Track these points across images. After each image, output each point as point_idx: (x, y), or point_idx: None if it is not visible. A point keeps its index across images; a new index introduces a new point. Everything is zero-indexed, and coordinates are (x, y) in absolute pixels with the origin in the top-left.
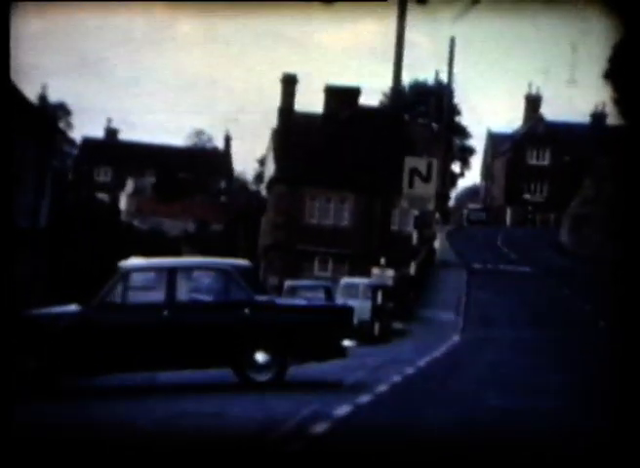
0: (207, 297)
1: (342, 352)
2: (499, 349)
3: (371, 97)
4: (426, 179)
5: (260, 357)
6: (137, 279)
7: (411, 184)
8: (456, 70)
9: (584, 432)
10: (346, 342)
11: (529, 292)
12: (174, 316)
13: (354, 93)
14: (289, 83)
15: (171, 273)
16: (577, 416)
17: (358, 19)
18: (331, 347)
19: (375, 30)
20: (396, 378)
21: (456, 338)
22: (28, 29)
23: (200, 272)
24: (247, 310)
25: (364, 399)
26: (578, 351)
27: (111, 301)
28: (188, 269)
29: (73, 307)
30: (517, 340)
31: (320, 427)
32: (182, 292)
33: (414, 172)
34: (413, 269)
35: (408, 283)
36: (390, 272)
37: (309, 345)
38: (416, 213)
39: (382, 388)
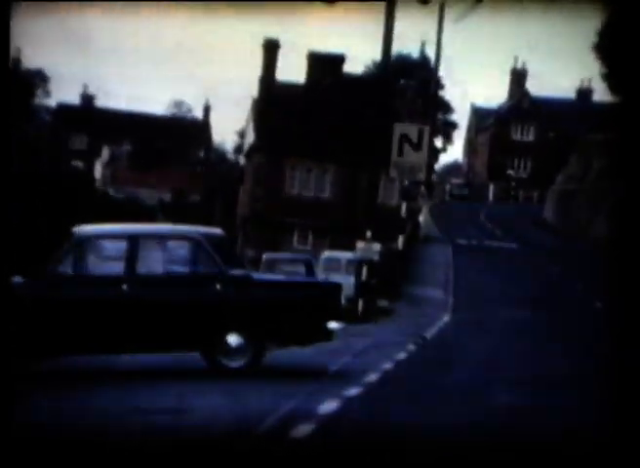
0: (172, 270)
1: (328, 335)
2: (495, 332)
3: (354, 68)
4: (417, 147)
5: (233, 340)
6: (92, 247)
7: (400, 152)
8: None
9: (590, 428)
10: (333, 324)
11: (517, 269)
12: (134, 291)
13: (338, 60)
14: (270, 49)
15: (131, 241)
16: (585, 413)
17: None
18: (315, 329)
19: (364, 10)
20: (387, 365)
21: (446, 318)
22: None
23: (165, 241)
24: (218, 285)
25: (352, 391)
26: (579, 335)
27: (62, 273)
28: (152, 237)
29: (16, 279)
30: (512, 322)
31: (303, 429)
32: (145, 264)
33: (404, 138)
34: (401, 243)
35: (395, 258)
36: (377, 246)
37: (290, 327)
38: (405, 183)
39: (372, 377)
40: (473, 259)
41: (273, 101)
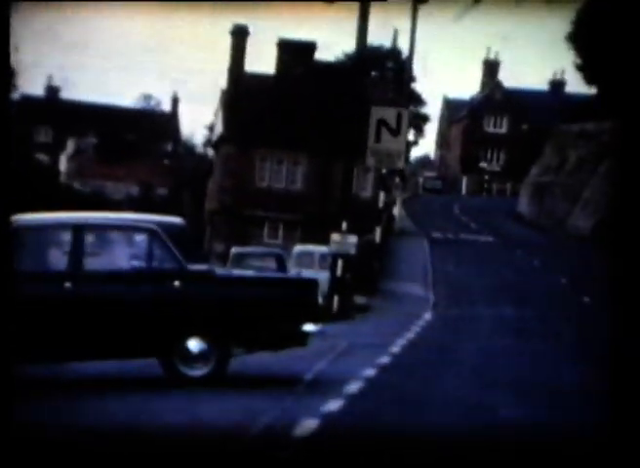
0: (124, 265)
1: (303, 339)
2: (481, 331)
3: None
4: (396, 132)
5: (195, 345)
6: (31, 239)
7: (377, 138)
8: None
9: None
10: (308, 326)
11: (496, 263)
12: (79, 289)
13: (309, 47)
14: (239, 35)
15: (76, 232)
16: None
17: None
18: (288, 333)
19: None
20: (369, 372)
21: (428, 316)
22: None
23: (116, 232)
24: (177, 283)
25: (333, 405)
26: (573, 333)
27: None
28: (100, 228)
29: None
30: (499, 319)
31: (278, 455)
32: (92, 259)
33: (381, 123)
34: (378, 236)
35: (373, 251)
36: (353, 239)
37: (259, 330)
38: (383, 171)
39: (354, 387)
40: (450, 253)
41: (242, 90)
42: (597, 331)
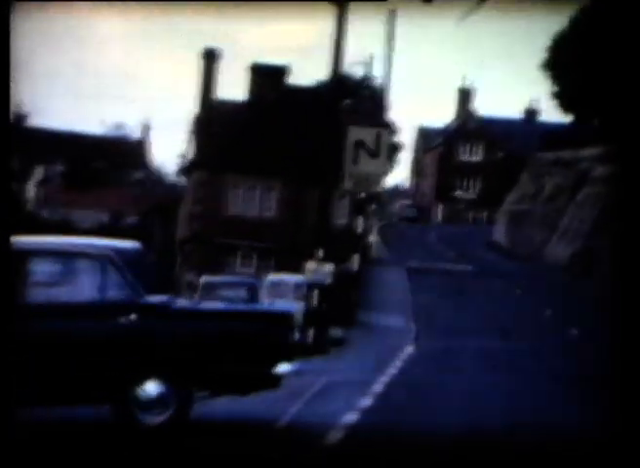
0: (72, 296)
1: (275, 381)
2: (469, 366)
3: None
4: (375, 154)
5: (152, 388)
6: None
7: (355, 160)
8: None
9: None
10: (282, 366)
11: (477, 293)
12: (20, 325)
13: (282, 72)
14: (210, 59)
15: (19, 260)
16: None
17: (288, 18)
18: (258, 374)
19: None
20: (351, 417)
21: (410, 350)
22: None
23: (64, 258)
24: (133, 316)
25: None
26: (564, 367)
27: None
28: (46, 253)
29: None
30: (486, 354)
31: None
32: (35, 289)
33: (359, 145)
34: (355, 264)
35: (350, 280)
36: (329, 267)
37: (226, 371)
38: (362, 195)
39: (334, 437)
40: (429, 282)
41: (214, 115)
42: (590, 365)
